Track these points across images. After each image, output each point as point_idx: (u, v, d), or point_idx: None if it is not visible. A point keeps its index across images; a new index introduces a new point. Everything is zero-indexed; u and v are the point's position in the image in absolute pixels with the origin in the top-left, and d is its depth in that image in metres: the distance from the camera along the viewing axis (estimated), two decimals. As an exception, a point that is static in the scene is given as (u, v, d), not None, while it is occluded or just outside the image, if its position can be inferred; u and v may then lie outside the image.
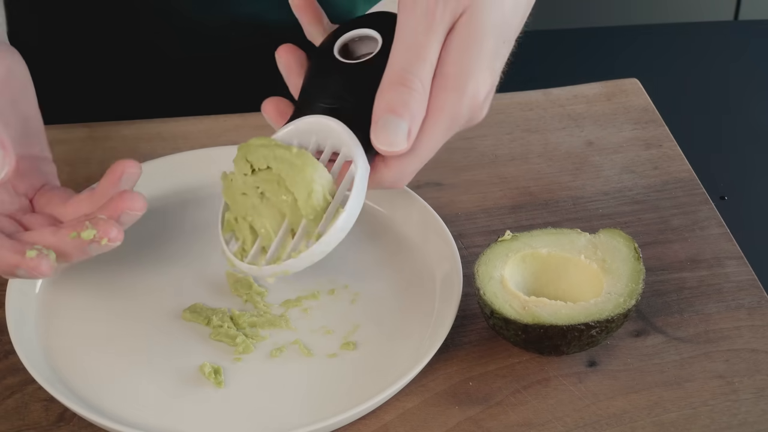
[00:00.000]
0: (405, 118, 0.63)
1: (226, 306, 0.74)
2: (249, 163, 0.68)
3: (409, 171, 0.67)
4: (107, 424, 0.65)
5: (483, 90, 0.65)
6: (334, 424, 0.66)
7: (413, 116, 0.64)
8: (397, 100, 0.63)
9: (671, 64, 1.07)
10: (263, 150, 0.67)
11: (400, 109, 0.63)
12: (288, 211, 0.67)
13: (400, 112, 0.63)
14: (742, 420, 0.68)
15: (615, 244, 0.73)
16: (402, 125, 0.63)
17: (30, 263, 0.63)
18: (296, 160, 0.66)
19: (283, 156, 0.66)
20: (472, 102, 0.65)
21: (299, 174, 0.66)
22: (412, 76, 0.63)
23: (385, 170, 0.67)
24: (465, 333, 0.73)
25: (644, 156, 0.88)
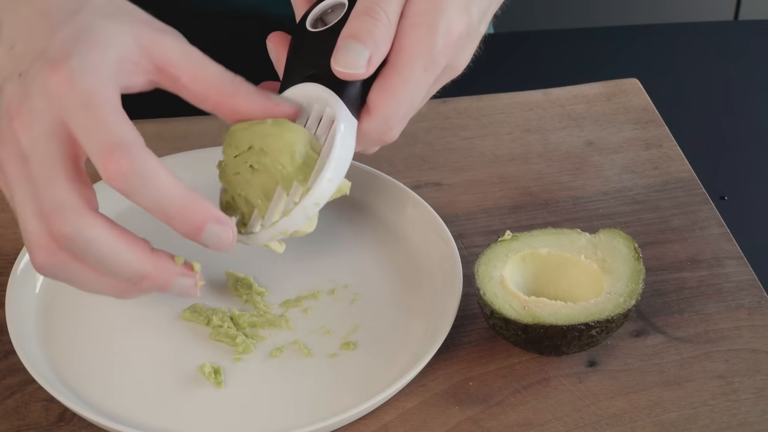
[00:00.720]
0: (367, 45, 0.63)
1: (226, 306, 0.74)
2: (233, 147, 0.68)
3: (396, 118, 0.66)
4: (107, 424, 0.65)
5: (456, 28, 0.65)
6: (334, 424, 0.66)
7: (376, 44, 0.63)
8: (360, 27, 0.63)
9: (671, 64, 1.07)
10: (243, 132, 0.67)
11: (362, 35, 0.63)
12: (279, 178, 0.66)
13: (362, 39, 0.63)
14: (742, 420, 0.68)
15: (615, 244, 0.73)
16: (363, 51, 0.63)
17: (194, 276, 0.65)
18: (272, 129, 0.66)
19: (261, 130, 0.66)
20: (445, 39, 0.64)
21: (278, 140, 0.65)
22: (378, 7, 0.63)
23: (369, 120, 0.66)
24: (465, 333, 0.73)
25: (644, 156, 0.88)
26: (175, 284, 0.64)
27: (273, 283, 0.75)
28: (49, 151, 0.60)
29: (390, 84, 0.64)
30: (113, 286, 0.63)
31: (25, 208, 0.61)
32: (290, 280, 0.76)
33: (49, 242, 0.60)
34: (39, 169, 0.60)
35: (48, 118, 0.60)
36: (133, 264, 0.62)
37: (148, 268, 0.62)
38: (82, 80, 0.59)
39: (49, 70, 0.60)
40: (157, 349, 0.71)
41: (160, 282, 0.63)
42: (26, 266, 0.74)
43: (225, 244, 0.63)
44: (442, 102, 0.93)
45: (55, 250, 0.61)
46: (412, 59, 0.64)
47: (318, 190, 0.65)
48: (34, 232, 0.61)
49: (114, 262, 0.61)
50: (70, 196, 0.60)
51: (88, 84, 0.60)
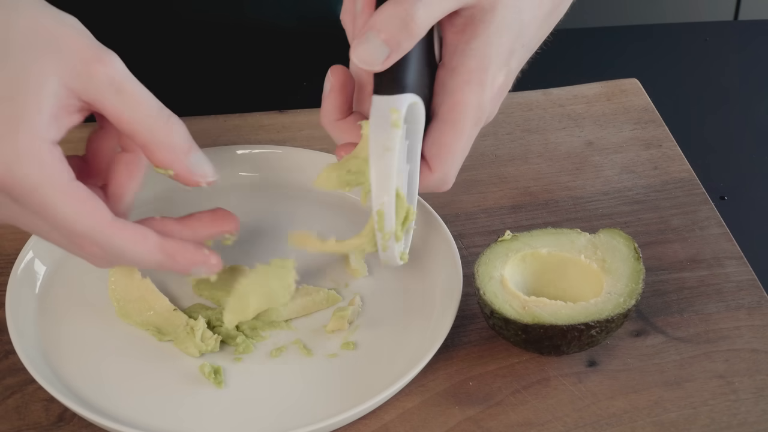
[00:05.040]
0: (390, 45, 0.63)
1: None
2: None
3: (453, 172, 0.68)
4: (107, 424, 0.65)
5: (498, 80, 0.67)
6: (334, 424, 0.66)
7: (399, 48, 0.63)
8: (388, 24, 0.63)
9: (671, 64, 1.07)
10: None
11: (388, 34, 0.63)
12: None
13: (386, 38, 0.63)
14: (742, 420, 0.68)
15: (615, 244, 0.73)
16: (384, 49, 0.63)
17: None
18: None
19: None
20: (490, 93, 0.66)
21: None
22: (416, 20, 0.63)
23: (430, 176, 0.68)
24: (465, 333, 0.73)
25: (644, 156, 0.88)
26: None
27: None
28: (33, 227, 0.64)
29: (447, 140, 0.66)
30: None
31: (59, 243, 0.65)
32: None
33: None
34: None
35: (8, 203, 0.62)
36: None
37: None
38: (21, 172, 0.60)
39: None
40: (157, 349, 0.71)
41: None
42: (26, 266, 0.74)
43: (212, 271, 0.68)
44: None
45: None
46: (466, 116, 0.66)
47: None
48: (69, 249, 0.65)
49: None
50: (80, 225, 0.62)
51: (28, 177, 0.60)
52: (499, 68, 0.66)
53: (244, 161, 0.84)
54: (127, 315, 0.72)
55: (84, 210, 0.62)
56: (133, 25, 0.94)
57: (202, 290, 0.75)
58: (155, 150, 0.63)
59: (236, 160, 0.83)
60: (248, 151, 0.84)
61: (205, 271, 0.67)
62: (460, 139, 0.66)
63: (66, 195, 0.61)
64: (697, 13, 1.84)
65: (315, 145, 0.86)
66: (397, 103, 0.64)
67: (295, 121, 0.90)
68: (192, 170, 0.64)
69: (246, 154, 0.84)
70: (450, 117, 0.66)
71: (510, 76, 0.68)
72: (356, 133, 0.68)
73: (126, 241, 0.63)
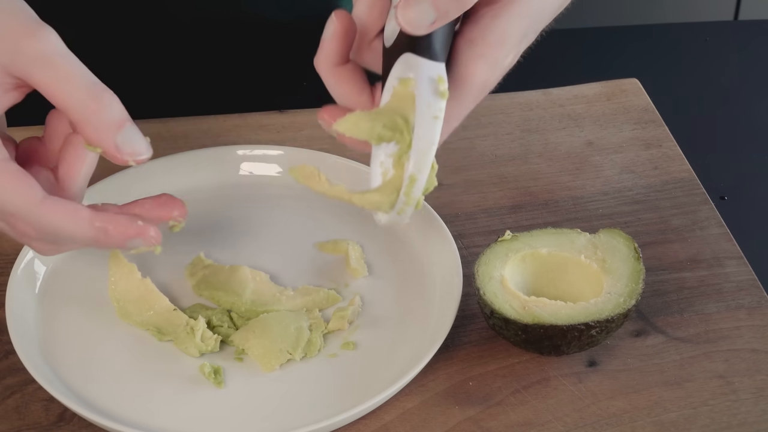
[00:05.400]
0: (438, 12, 0.62)
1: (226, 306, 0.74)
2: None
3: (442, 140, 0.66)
4: (107, 424, 0.65)
5: (507, 61, 0.66)
6: (334, 424, 0.66)
7: (446, 16, 0.62)
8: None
9: (671, 64, 1.07)
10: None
11: (441, 2, 0.62)
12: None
13: (436, 4, 0.62)
14: (742, 420, 0.68)
15: (615, 244, 0.73)
16: (431, 14, 0.62)
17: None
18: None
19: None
20: (500, 73, 0.65)
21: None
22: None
23: None
24: (465, 333, 0.73)
25: (644, 156, 0.88)
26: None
27: (274, 282, 0.75)
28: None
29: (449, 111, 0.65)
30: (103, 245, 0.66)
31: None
32: (291, 279, 0.76)
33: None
34: None
35: None
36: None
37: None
38: None
39: None
40: (156, 349, 0.71)
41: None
42: (26, 266, 0.74)
43: (151, 243, 0.66)
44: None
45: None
46: (473, 89, 0.65)
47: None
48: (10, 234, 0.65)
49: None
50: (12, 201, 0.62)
51: None
52: (512, 49, 0.65)
53: (244, 161, 0.84)
54: (127, 315, 0.72)
55: (12, 188, 0.61)
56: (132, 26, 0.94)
57: (202, 290, 0.75)
58: (84, 126, 0.62)
59: (236, 160, 0.83)
60: (248, 151, 0.84)
61: (144, 243, 0.65)
62: (462, 112, 0.65)
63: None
64: (697, 13, 1.84)
65: (315, 145, 0.86)
66: (442, 71, 0.63)
67: (295, 121, 0.90)
68: (120, 148, 0.62)
69: (246, 154, 0.84)
70: (457, 87, 0.65)
71: (515, 60, 0.67)
72: (353, 82, 0.66)
73: (57, 216, 0.62)
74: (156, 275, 0.75)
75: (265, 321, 0.71)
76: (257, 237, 0.79)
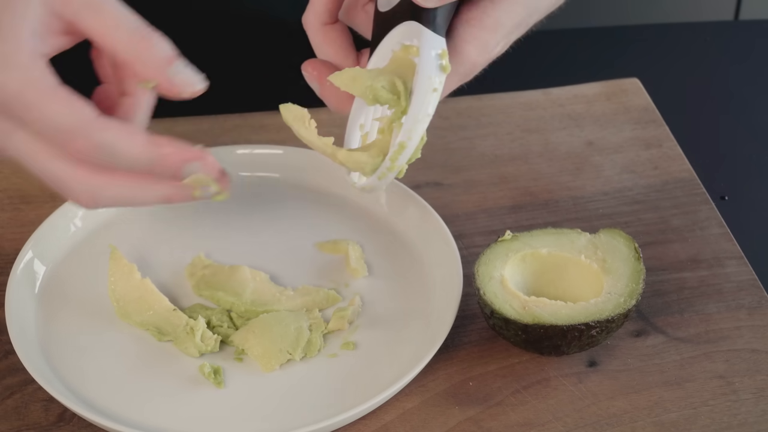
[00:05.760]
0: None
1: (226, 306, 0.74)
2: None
3: None
4: (107, 424, 0.65)
5: (497, 49, 0.66)
6: (334, 424, 0.66)
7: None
8: None
9: (671, 64, 1.07)
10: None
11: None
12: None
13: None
14: (742, 420, 0.68)
15: (615, 244, 0.73)
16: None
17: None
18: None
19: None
20: (488, 58, 0.65)
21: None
22: None
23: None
24: (465, 333, 0.73)
25: (644, 156, 0.88)
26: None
27: (274, 282, 0.75)
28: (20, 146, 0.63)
29: None
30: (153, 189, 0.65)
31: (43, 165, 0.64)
32: (291, 279, 0.76)
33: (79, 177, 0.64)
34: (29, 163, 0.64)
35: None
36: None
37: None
38: (7, 75, 0.61)
39: None
40: (156, 349, 0.71)
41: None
42: (26, 266, 0.74)
43: (211, 172, 0.65)
44: (441, 102, 0.92)
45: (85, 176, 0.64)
46: (460, 70, 0.65)
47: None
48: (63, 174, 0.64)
49: (139, 204, 0.65)
50: (67, 173, 0.63)
51: (13, 78, 0.61)
52: (504, 36, 0.66)
53: (244, 161, 0.84)
54: (127, 315, 0.72)
55: (69, 107, 0.62)
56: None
57: (202, 290, 0.75)
58: (136, 63, 0.63)
59: (236, 160, 0.83)
60: (248, 151, 0.84)
61: (202, 168, 0.64)
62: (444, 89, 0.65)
63: (50, 94, 0.61)
64: (697, 13, 1.84)
65: (315, 145, 0.86)
66: (445, 46, 0.63)
67: (295, 121, 0.89)
68: (172, 80, 0.63)
69: (246, 154, 0.84)
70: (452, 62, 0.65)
71: (503, 49, 0.67)
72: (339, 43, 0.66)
73: (114, 134, 0.62)
74: (156, 275, 0.75)
75: (265, 321, 0.71)
76: (257, 237, 0.79)
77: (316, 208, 0.82)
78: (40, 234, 0.76)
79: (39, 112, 0.61)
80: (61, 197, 0.81)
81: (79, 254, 0.77)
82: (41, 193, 0.83)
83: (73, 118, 0.62)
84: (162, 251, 0.78)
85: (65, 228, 0.78)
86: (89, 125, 0.62)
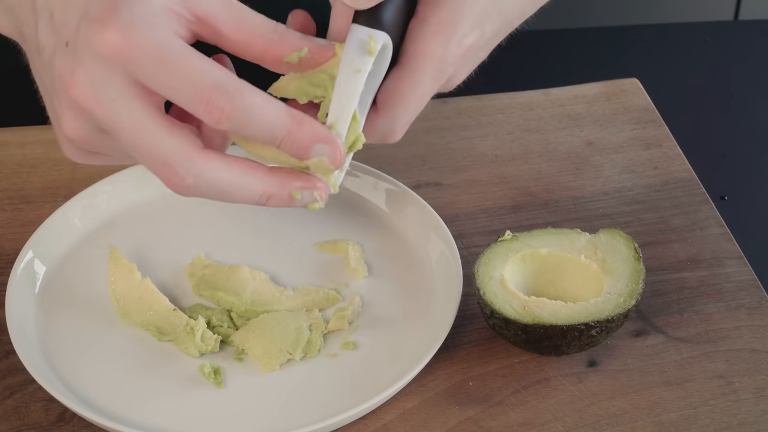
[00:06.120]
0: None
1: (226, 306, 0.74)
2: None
3: (402, 121, 0.66)
4: (107, 424, 0.65)
5: (468, 40, 0.65)
6: (334, 424, 0.66)
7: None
8: None
9: (671, 64, 1.07)
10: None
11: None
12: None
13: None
14: (742, 420, 0.68)
15: (615, 244, 0.73)
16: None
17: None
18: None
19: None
20: (457, 50, 0.65)
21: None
22: None
23: (376, 118, 0.66)
24: (465, 333, 0.73)
25: (644, 156, 0.88)
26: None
27: (274, 282, 0.75)
28: (133, 114, 0.59)
29: (401, 86, 0.65)
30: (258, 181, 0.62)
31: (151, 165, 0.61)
32: (291, 279, 0.76)
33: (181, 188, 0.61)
34: (133, 135, 0.59)
35: (117, 82, 0.59)
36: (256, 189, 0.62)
37: (271, 189, 0.62)
38: (142, 33, 0.58)
39: (99, 30, 0.58)
40: (157, 349, 0.71)
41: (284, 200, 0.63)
42: (26, 266, 0.74)
43: (335, 161, 0.62)
44: (442, 102, 0.93)
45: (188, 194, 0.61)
46: (425, 65, 0.64)
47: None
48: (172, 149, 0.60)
49: (237, 194, 0.61)
50: (175, 146, 0.60)
51: (150, 36, 0.58)
52: (472, 27, 0.65)
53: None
54: (127, 315, 0.72)
55: (208, 65, 0.59)
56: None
57: (202, 290, 0.75)
58: (277, 45, 0.61)
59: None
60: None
61: (330, 153, 0.62)
62: (414, 88, 0.65)
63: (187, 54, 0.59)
64: (697, 13, 1.84)
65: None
66: (375, 33, 0.63)
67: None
68: (318, 44, 0.63)
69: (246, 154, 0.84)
70: (409, 64, 0.64)
71: (483, 41, 0.67)
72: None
73: (255, 95, 0.60)
74: (156, 275, 0.75)
75: (265, 321, 0.71)
76: (257, 237, 0.79)
77: (316, 208, 0.81)
78: (40, 234, 0.76)
79: (178, 72, 0.58)
80: (62, 197, 0.81)
81: (79, 254, 0.77)
82: (41, 193, 0.83)
83: (214, 75, 0.59)
84: (162, 251, 0.78)
85: (65, 228, 0.78)
86: (233, 81, 0.59)
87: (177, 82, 0.58)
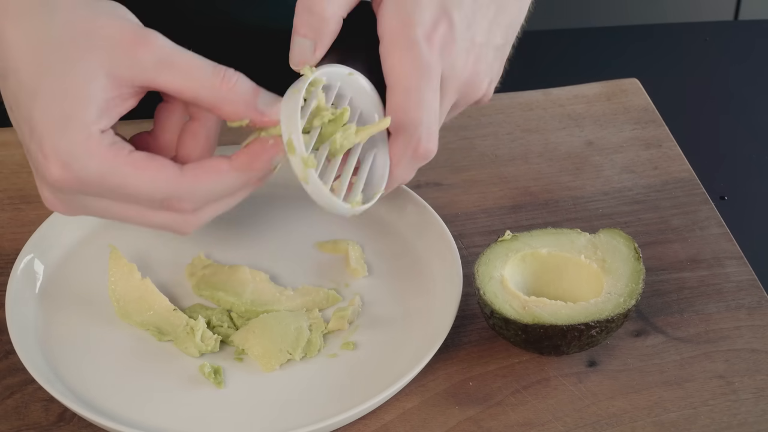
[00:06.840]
0: (310, 36, 0.65)
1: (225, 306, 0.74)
2: None
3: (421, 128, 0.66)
4: (107, 424, 0.65)
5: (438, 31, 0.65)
6: (334, 424, 0.66)
7: (320, 34, 0.65)
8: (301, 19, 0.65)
9: (671, 64, 1.07)
10: None
11: (305, 28, 0.65)
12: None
13: (304, 32, 0.65)
14: (742, 420, 0.68)
15: (615, 244, 0.73)
16: (307, 42, 0.65)
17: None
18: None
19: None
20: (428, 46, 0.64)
21: None
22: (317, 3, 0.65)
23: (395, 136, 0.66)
24: (465, 333, 0.73)
25: (644, 156, 0.88)
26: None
27: (274, 282, 0.75)
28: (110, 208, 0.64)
29: (397, 101, 0.65)
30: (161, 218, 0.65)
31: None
32: (291, 279, 0.76)
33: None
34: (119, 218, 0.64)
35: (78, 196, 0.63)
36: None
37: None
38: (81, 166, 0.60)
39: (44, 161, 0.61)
40: (157, 349, 0.71)
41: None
42: (26, 266, 0.74)
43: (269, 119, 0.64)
44: (442, 102, 0.93)
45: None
46: (404, 76, 0.64)
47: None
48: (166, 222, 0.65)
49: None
50: (165, 218, 0.64)
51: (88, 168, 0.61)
52: (433, 21, 0.65)
53: (244, 161, 0.83)
54: (127, 315, 0.72)
55: (156, 174, 0.61)
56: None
57: (202, 290, 0.75)
58: (222, 107, 0.63)
59: (236, 160, 0.83)
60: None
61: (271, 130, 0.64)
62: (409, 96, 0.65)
63: (132, 170, 0.61)
64: (697, 13, 1.84)
65: (315, 145, 0.86)
66: (323, 66, 0.65)
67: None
68: (264, 112, 0.63)
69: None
70: (391, 81, 0.65)
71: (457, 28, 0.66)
72: None
73: (206, 180, 0.62)
74: (156, 275, 0.75)
75: (265, 321, 0.71)
76: (257, 237, 0.79)
77: (316, 208, 0.81)
78: (40, 234, 0.76)
79: (130, 188, 0.61)
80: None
81: (79, 254, 0.77)
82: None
83: (164, 184, 0.61)
84: (162, 251, 0.78)
85: (65, 228, 0.78)
86: (180, 184, 0.62)
87: (127, 199, 0.62)
